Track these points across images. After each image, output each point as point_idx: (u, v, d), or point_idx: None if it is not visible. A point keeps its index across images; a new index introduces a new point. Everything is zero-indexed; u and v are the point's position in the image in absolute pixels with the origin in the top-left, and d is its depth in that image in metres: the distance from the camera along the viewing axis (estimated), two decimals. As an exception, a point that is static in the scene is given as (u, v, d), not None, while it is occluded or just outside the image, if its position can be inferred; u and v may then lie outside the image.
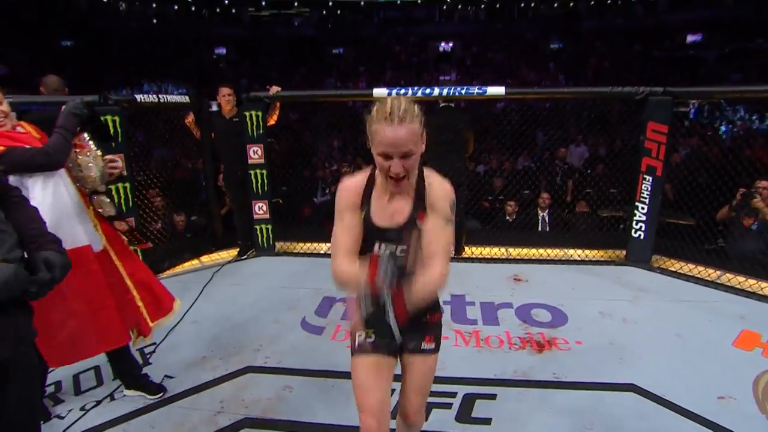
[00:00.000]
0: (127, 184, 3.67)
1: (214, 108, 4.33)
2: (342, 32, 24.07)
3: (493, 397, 2.29)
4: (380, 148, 1.27)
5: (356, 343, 1.49)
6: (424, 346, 1.50)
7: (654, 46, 19.78)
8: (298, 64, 22.06)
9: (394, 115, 1.23)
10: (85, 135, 2.18)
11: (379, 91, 3.96)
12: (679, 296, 3.47)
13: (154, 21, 23.34)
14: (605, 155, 7.90)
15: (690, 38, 19.89)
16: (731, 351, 2.72)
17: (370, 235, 1.40)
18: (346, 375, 2.45)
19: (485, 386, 2.37)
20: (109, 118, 3.50)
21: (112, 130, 3.52)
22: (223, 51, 24.09)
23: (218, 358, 2.71)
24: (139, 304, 2.28)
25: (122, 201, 3.65)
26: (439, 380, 2.13)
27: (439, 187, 1.39)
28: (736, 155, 4.61)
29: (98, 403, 2.32)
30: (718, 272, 3.80)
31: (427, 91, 4.02)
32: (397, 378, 1.56)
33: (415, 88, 4.00)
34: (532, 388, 2.37)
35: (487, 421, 2.13)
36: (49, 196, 1.93)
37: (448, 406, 2.21)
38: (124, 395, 2.36)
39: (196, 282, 3.82)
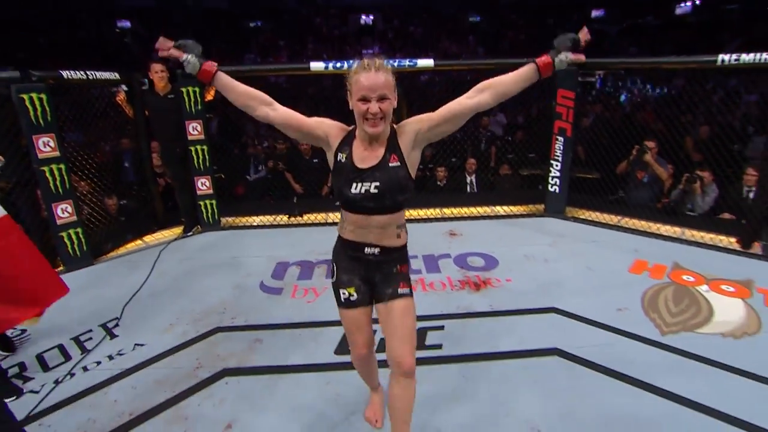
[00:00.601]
0: (62, 166, 3.56)
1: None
2: (258, 4, 23.06)
3: (441, 328, 2.67)
4: (360, 93, 1.46)
5: (342, 299, 1.70)
6: (401, 290, 1.65)
7: (564, 20, 21.16)
8: (214, 39, 20.94)
9: (371, 65, 1.46)
10: None
11: (316, 65, 4.12)
12: (589, 238, 4.07)
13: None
14: (523, 122, 8.58)
15: (594, 13, 21.41)
16: (627, 276, 3.32)
17: (350, 175, 1.56)
18: (312, 324, 2.75)
19: (434, 321, 2.74)
20: (34, 95, 3.36)
21: (40, 110, 3.40)
22: (127, 24, 22.15)
23: (185, 323, 2.84)
24: None
25: (58, 183, 3.54)
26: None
27: (408, 125, 1.59)
28: (632, 119, 5.34)
29: (71, 375, 2.39)
30: (618, 217, 4.48)
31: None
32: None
33: (351, 61, 4.19)
34: (473, 318, 2.79)
35: (438, 347, 2.50)
36: None
37: (405, 339, 2.54)
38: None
39: (143, 260, 3.83)
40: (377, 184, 1.53)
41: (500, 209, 4.86)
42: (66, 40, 17.93)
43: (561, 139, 4.39)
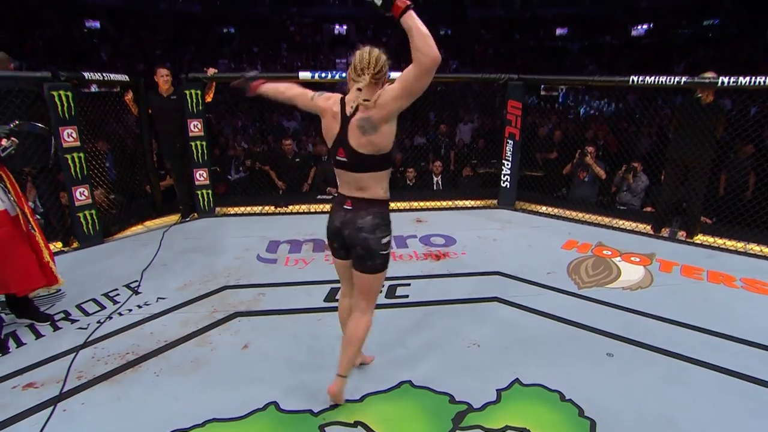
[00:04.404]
0: (82, 154, 4.08)
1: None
2: (231, 10, 23.39)
3: (408, 284, 3.36)
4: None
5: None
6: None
7: (530, 36, 22.51)
8: (186, 44, 21.13)
9: (356, 69, 1.78)
10: None
11: (304, 74, 4.78)
12: (533, 225, 4.86)
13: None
14: (487, 131, 9.45)
15: (559, 31, 22.80)
16: (559, 251, 4.10)
17: None
18: (304, 283, 3.37)
19: (402, 280, 3.42)
20: (62, 93, 3.89)
21: (66, 105, 3.93)
22: (96, 25, 21.98)
23: (197, 284, 3.42)
24: (47, 259, 2.88)
25: (78, 169, 4.07)
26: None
27: None
28: (583, 130, 6.28)
29: (110, 318, 2.95)
30: (559, 209, 5.29)
31: (343, 74, 4.92)
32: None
33: (333, 72, 4.88)
34: (434, 279, 3.49)
35: (406, 296, 3.19)
36: None
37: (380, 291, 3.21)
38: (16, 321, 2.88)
39: (150, 240, 4.37)
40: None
41: (460, 203, 5.61)
42: (32, 37, 17.55)
43: (511, 142, 5.18)
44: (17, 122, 2.96)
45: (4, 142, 2.76)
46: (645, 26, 20.92)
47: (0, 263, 2.62)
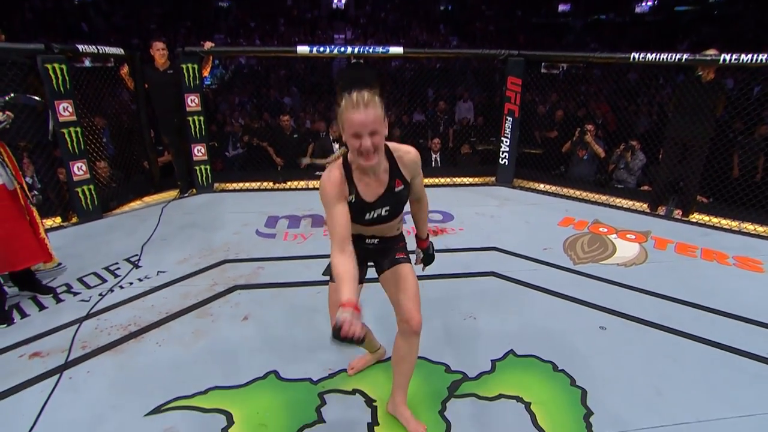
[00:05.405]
0: (78, 129, 4.06)
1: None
2: (228, -16, 22.83)
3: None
4: (351, 130, 1.50)
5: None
6: (398, 257, 1.86)
7: (532, 13, 22.15)
8: (182, 18, 20.71)
9: (360, 103, 1.48)
10: None
11: (302, 49, 4.72)
12: (530, 202, 4.88)
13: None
14: (485, 107, 9.38)
15: (561, 7, 22.45)
16: (556, 228, 4.13)
17: (363, 209, 1.69)
18: (303, 257, 3.40)
19: (401, 255, 3.45)
20: (56, 65, 3.85)
21: (60, 78, 3.89)
22: (87, -4, 21.41)
23: (197, 257, 3.45)
24: (43, 235, 2.94)
25: (75, 144, 4.05)
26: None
27: (407, 156, 1.69)
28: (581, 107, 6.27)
29: (111, 291, 2.99)
30: (556, 187, 5.30)
31: (342, 49, 4.88)
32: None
33: (332, 46, 4.82)
34: (432, 254, 3.52)
35: (403, 271, 3.21)
36: None
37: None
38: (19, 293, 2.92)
39: (149, 215, 4.39)
40: (387, 207, 1.71)
41: (459, 180, 5.62)
42: (21, 9, 17.11)
43: (510, 119, 5.16)
44: (12, 95, 2.95)
45: None
46: (649, 3, 20.55)
47: (1, 240, 2.63)
